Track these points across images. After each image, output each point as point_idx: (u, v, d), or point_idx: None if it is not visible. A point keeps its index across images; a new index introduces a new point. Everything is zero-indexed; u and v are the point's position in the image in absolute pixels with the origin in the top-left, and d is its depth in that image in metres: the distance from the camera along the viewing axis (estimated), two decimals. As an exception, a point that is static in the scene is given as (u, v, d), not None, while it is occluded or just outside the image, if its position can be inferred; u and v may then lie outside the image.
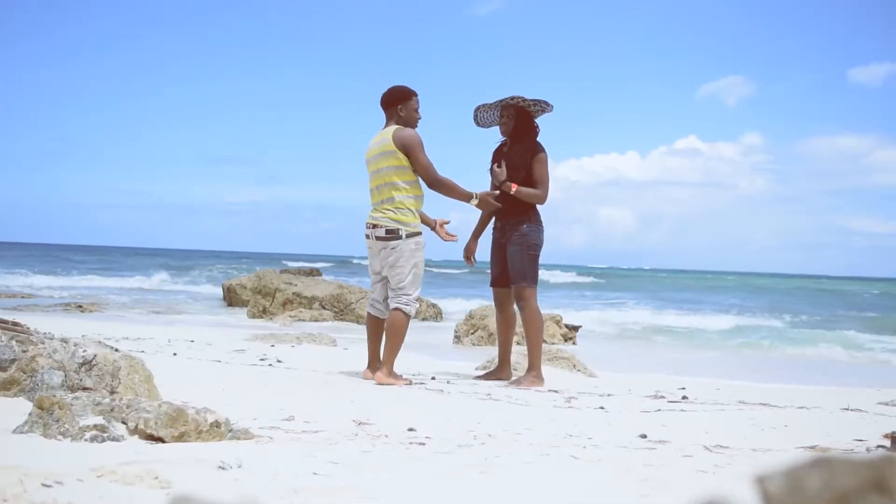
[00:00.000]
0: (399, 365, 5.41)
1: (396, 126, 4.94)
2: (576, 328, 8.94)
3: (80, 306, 12.52)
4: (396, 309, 4.86)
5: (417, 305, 4.99)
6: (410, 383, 4.81)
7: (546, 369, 5.59)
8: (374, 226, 4.91)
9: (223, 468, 2.13)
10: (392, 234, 4.85)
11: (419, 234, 4.92)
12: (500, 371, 5.43)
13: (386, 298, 5.05)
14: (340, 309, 11.61)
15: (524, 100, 5.39)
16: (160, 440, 2.49)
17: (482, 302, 13.89)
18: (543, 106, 5.44)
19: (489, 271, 5.60)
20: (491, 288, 5.56)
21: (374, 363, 4.99)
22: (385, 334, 4.89)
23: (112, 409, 2.52)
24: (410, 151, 4.89)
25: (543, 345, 5.48)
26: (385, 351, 4.83)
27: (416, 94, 5.03)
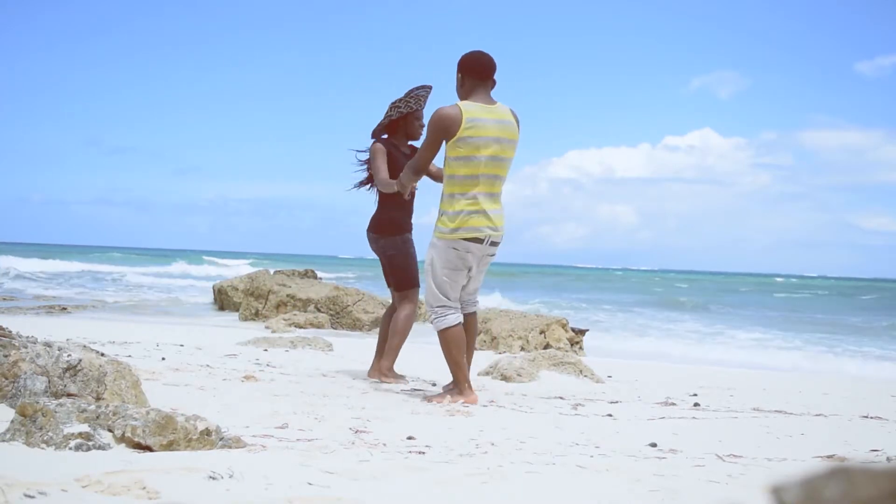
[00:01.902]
0: (398, 369, 5.41)
1: (509, 107, 4.35)
2: (582, 332, 8.86)
3: (64, 308, 12.46)
4: (475, 313, 4.60)
5: None
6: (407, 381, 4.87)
7: (551, 375, 5.56)
8: (496, 229, 4.33)
9: (214, 478, 2.11)
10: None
11: None
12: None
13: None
14: (337, 311, 11.53)
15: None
16: (148, 449, 2.45)
17: (485, 304, 13.88)
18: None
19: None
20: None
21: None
22: (469, 343, 4.54)
23: (98, 417, 2.48)
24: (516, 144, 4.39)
25: (550, 349, 5.39)
26: (468, 364, 4.46)
27: None
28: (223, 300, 13.42)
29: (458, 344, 4.33)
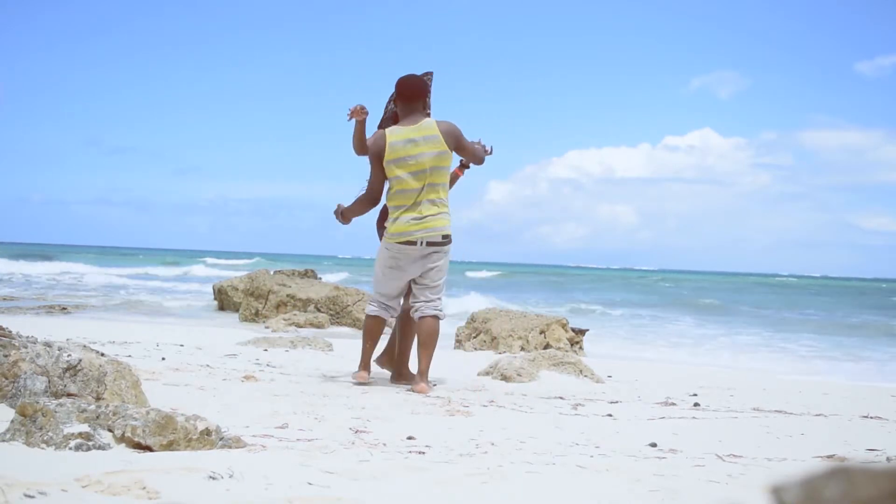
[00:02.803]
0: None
1: (436, 120, 4.82)
2: (582, 332, 8.84)
3: (64, 308, 12.45)
4: (434, 316, 4.86)
5: None
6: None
7: (551, 375, 5.56)
8: (427, 230, 4.79)
9: (214, 478, 2.11)
10: (447, 238, 4.82)
11: None
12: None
13: (400, 304, 5.05)
14: (336, 311, 11.53)
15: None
16: (148, 448, 2.45)
17: (485, 303, 13.86)
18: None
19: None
20: None
21: (368, 366, 4.97)
22: (424, 342, 4.84)
23: (98, 417, 2.48)
24: (461, 143, 4.87)
25: (550, 349, 5.42)
26: (424, 359, 4.80)
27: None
28: (223, 300, 13.40)
29: (368, 331, 4.97)
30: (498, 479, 2.36)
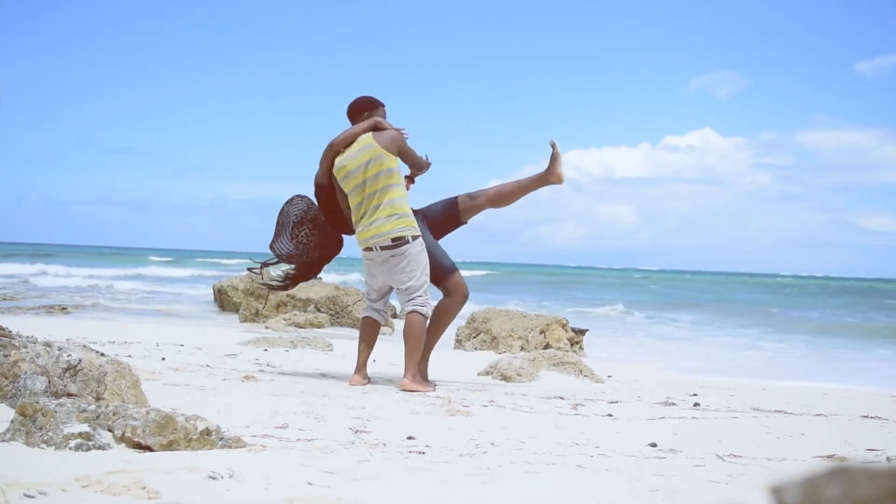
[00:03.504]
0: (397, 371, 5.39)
1: (371, 132, 4.96)
2: (582, 332, 8.84)
3: (64, 308, 12.45)
4: (413, 312, 4.91)
5: (432, 306, 5.03)
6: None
7: (551, 375, 5.56)
8: (376, 236, 4.90)
9: (214, 478, 2.11)
10: (399, 241, 4.87)
11: (420, 235, 4.96)
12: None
13: (387, 304, 5.20)
14: (337, 311, 11.53)
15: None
16: (148, 448, 2.45)
17: (485, 303, 13.87)
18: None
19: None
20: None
21: (363, 368, 5.00)
22: (404, 339, 4.94)
23: (98, 417, 2.48)
24: (401, 149, 4.98)
25: (550, 349, 5.42)
26: (407, 356, 4.88)
27: (383, 105, 5.13)
28: (223, 300, 13.39)
29: (361, 331, 5.10)
30: (498, 479, 2.36)
